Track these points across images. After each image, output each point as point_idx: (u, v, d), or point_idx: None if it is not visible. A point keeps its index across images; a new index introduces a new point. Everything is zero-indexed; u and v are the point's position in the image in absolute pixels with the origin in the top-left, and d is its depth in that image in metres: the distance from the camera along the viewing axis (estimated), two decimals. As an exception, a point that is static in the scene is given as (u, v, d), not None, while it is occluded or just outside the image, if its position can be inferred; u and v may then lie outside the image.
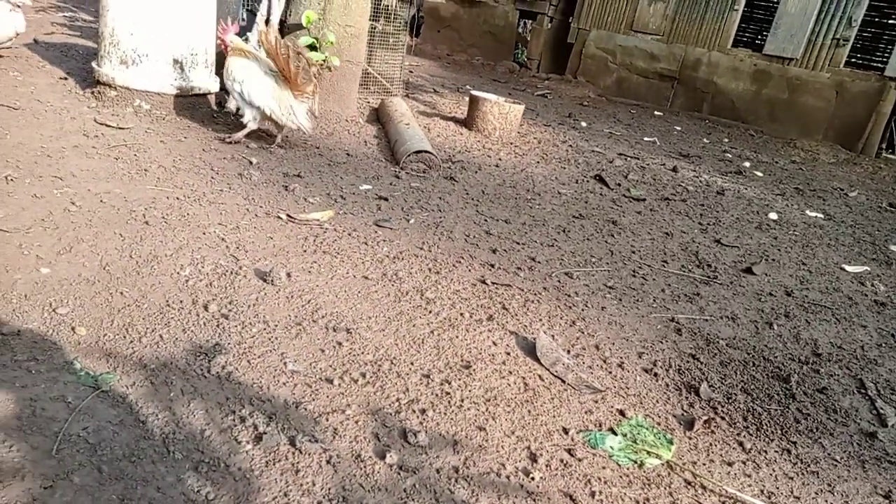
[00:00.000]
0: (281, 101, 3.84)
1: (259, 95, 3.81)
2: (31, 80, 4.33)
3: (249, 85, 3.81)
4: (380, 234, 3.13)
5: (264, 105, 3.83)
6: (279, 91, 3.84)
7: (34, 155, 3.13)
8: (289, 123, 3.95)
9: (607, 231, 3.84)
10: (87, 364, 1.79)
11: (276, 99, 3.84)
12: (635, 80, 10.64)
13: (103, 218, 2.65)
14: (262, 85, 3.82)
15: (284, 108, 3.85)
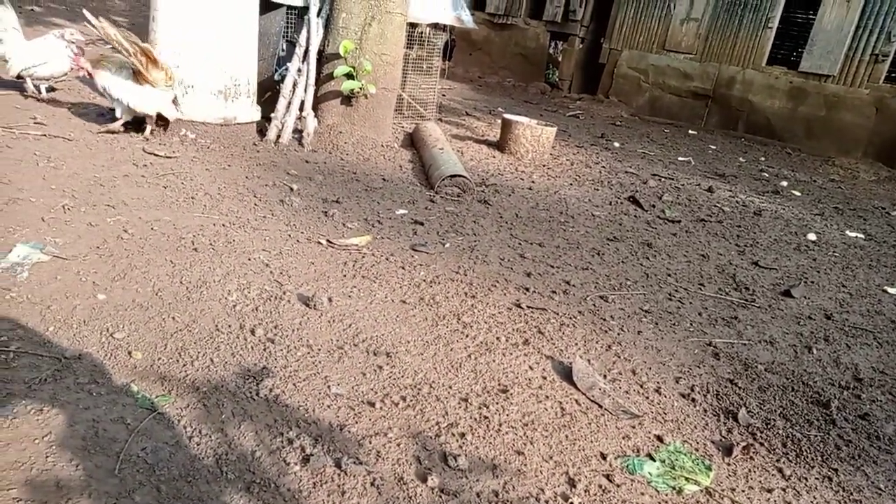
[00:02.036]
0: (143, 94, 4.04)
1: (118, 91, 4.03)
2: (84, 112, 4.55)
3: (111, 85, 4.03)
4: (416, 258, 3.20)
5: (123, 98, 4.04)
6: (138, 86, 4.03)
7: (88, 184, 3.30)
8: (150, 112, 4.14)
9: (642, 254, 3.85)
10: (144, 387, 1.89)
11: (134, 93, 4.03)
12: (668, 98, 10.61)
13: (154, 245, 2.77)
14: (120, 83, 4.02)
15: (146, 98, 4.06)
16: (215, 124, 4.35)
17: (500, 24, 12.08)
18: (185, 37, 4.11)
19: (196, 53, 4.15)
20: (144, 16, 9.85)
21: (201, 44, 4.14)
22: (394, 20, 4.93)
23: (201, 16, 4.08)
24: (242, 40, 4.30)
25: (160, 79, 4.02)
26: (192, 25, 4.09)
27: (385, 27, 4.89)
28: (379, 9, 4.81)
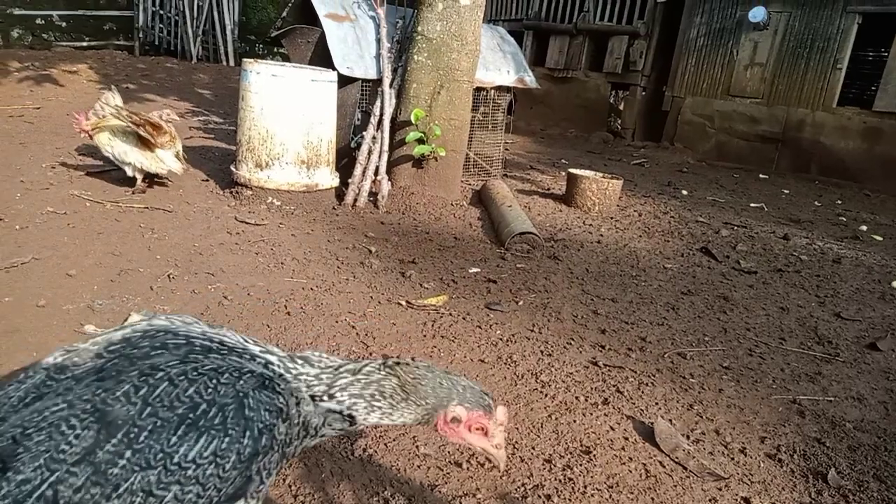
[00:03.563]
0: (145, 153, 4.40)
1: (126, 155, 4.37)
2: (179, 184, 4.96)
3: (118, 150, 4.37)
4: (491, 317, 3.31)
5: (133, 160, 4.39)
6: (143, 147, 4.40)
7: (189, 253, 3.60)
8: (159, 170, 4.51)
9: (719, 307, 3.82)
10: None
11: (140, 153, 4.39)
12: (736, 143, 10.49)
13: (251, 310, 3.00)
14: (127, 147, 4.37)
15: (151, 159, 4.42)
16: (298, 192, 4.65)
17: (560, 77, 12.34)
18: (271, 116, 4.46)
19: (281, 129, 4.48)
20: (227, 87, 10.64)
21: (286, 121, 4.48)
22: (461, 87, 5.19)
23: (291, 102, 4.43)
24: (324, 116, 4.63)
25: (166, 141, 4.46)
26: (282, 110, 4.44)
27: (453, 94, 5.15)
28: (447, 77, 5.08)
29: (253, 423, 1.11)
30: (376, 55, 5.23)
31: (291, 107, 4.48)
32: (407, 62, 5.18)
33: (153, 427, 1.02)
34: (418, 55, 5.07)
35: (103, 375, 1.07)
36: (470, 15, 5.02)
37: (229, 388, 1.11)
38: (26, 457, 0.97)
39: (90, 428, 0.99)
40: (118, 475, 0.98)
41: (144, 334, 1.18)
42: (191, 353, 1.14)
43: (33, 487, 0.95)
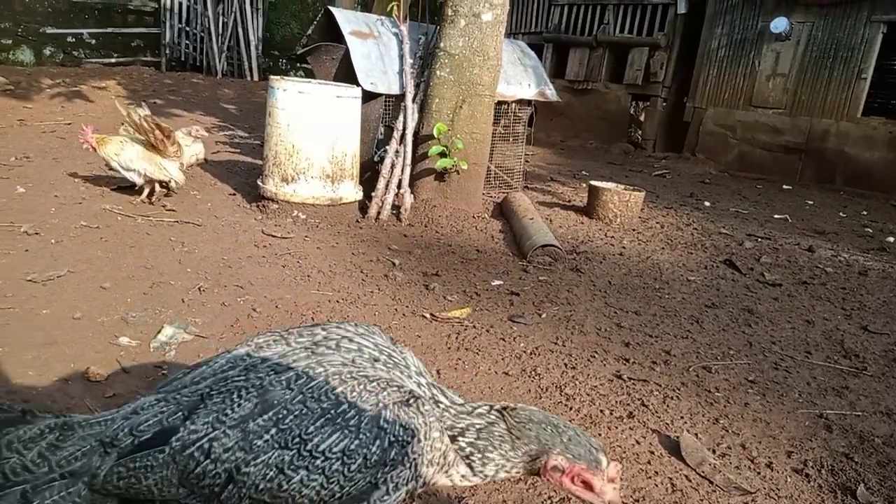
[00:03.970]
0: (151, 161, 4.52)
1: (132, 162, 4.48)
2: (207, 198, 5.06)
3: (124, 157, 4.47)
4: (515, 329, 3.33)
5: (138, 167, 4.50)
6: (149, 156, 4.51)
7: (218, 266, 3.68)
8: (163, 178, 4.61)
9: (743, 320, 3.80)
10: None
11: (146, 161, 4.50)
12: (758, 154, 10.41)
13: (279, 322, 3.05)
14: (133, 154, 4.49)
15: (156, 167, 4.53)
16: (323, 205, 4.72)
17: (580, 89, 12.36)
18: (296, 132, 4.55)
19: (307, 145, 4.57)
20: (251, 102, 10.82)
21: (311, 137, 4.56)
22: (483, 101, 5.25)
23: (316, 118, 4.52)
24: (348, 131, 4.71)
25: (173, 151, 4.59)
26: (307, 126, 4.54)
27: (475, 108, 5.21)
28: (469, 92, 5.14)
29: (386, 433, 1.18)
30: (399, 71, 5.32)
31: (317, 122, 4.56)
32: (429, 77, 5.25)
33: (299, 413, 1.15)
34: (441, 70, 5.14)
35: (280, 362, 1.22)
36: (492, 31, 5.08)
37: (372, 396, 1.20)
38: (203, 412, 1.16)
39: (250, 400, 1.14)
40: (260, 447, 1.12)
41: (327, 336, 1.31)
42: (357, 360, 1.26)
43: (197, 438, 1.13)
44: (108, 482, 1.14)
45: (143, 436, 1.17)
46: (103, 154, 4.54)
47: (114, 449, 1.17)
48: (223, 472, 1.11)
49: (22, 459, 1.14)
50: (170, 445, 1.14)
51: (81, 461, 1.16)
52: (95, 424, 1.22)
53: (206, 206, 4.85)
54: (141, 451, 1.15)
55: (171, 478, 1.12)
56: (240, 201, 5.07)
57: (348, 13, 5.58)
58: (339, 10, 5.55)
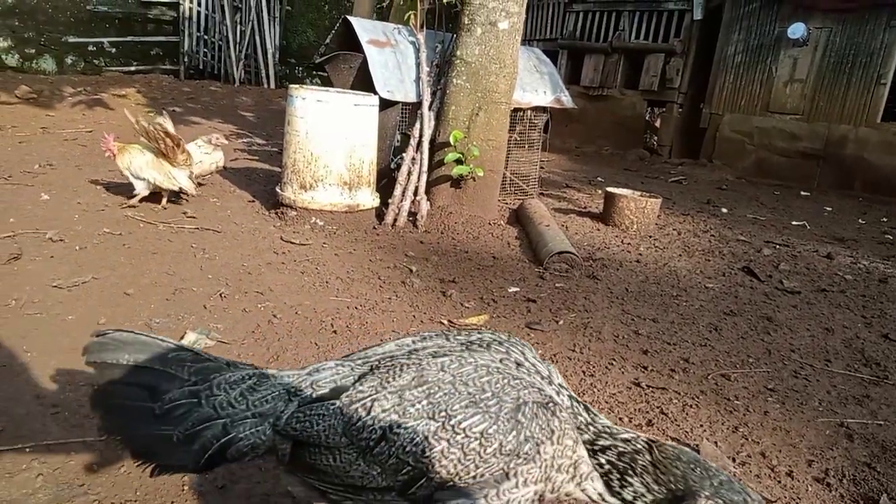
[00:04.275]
0: (161, 170, 4.60)
1: (141, 170, 4.58)
2: (227, 205, 5.13)
3: (134, 165, 4.57)
4: (532, 336, 3.34)
5: (147, 176, 4.59)
6: (158, 164, 4.59)
7: (238, 273, 3.72)
8: (171, 187, 4.68)
9: (762, 328, 3.78)
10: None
11: (155, 170, 4.59)
12: (776, 160, 10.34)
13: (299, 328, 3.09)
14: (143, 162, 4.58)
15: (165, 176, 4.62)
16: (341, 212, 4.77)
17: (595, 95, 12.36)
18: (315, 140, 4.60)
19: (325, 153, 4.62)
20: (268, 109, 10.93)
21: (329, 145, 4.61)
22: (499, 109, 5.27)
23: (334, 126, 4.58)
24: (366, 138, 4.75)
25: (182, 159, 4.67)
26: (326, 134, 4.59)
27: (491, 116, 5.23)
28: (485, 100, 5.17)
29: (522, 427, 1.28)
30: (416, 79, 5.36)
31: (335, 130, 4.61)
32: (446, 85, 5.28)
33: (448, 392, 1.31)
34: (457, 78, 5.17)
35: (438, 350, 1.41)
36: (508, 39, 5.11)
37: (513, 391, 1.32)
38: (370, 377, 1.36)
39: (409, 374, 1.34)
40: (411, 413, 1.29)
41: (481, 338, 1.46)
42: (504, 360, 1.39)
43: (363, 397, 1.32)
44: (289, 424, 1.34)
45: (321, 390, 1.38)
46: (119, 163, 4.62)
47: (296, 398, 1.38)
48: (378, 429, 1.29)
49: (227, 397, 1.37)
50: (340, 399, 1.34)
51: (270, 404, 1.38)
52: (284, 377, 1.44)
53: (226, 212, 4.91)
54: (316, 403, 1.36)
55: (337, 427, 1.31)
56: (259, 208, 5.13)
57: (366, 22, 5.64)
58: (357, 20, 5.61)
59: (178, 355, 1.41)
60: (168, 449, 1.33)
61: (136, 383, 1.36)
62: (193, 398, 1.36)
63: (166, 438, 1.32)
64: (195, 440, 1.33)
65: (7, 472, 1.92)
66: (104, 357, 1.38)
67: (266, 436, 1.35)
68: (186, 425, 1.33)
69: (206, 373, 1.40)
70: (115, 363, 1.37)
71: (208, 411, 1.35)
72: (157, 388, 1.36)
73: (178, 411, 1.34)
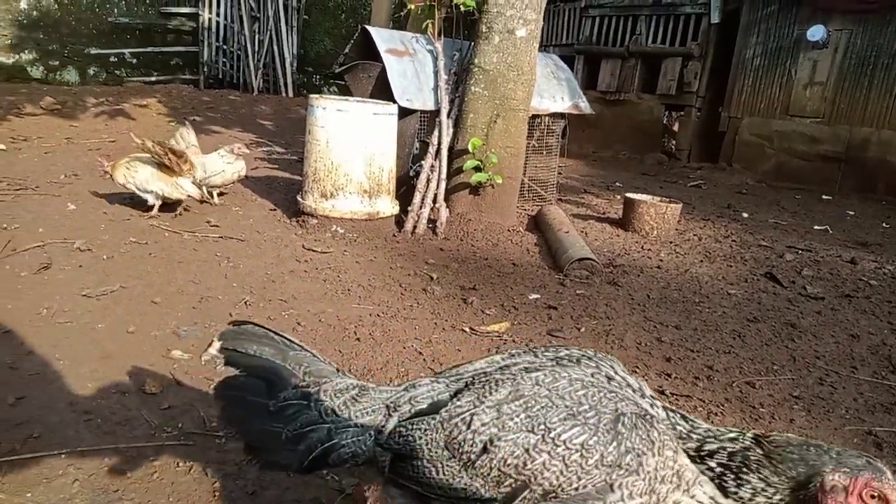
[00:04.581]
0: (166, 181, 4.67)
1: (147, 183, 4.65)
2: (249, 214, 5.19)
3: (139, 179, 4.64)
4: (554, 343, 3.34)
5: (154, 188, 4.66)
6: (163, 176, 4.66)
7: (262, 281, 3.77)
8: (180, 196, 4.75)
9: (786, 335, 3.75)
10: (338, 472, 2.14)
11: (161, 181, 4.65)
12: (796, 163, 10.24)
13: (323, 336, 3.12)
14: (148, 175, 4.64)
15: (171, 185, 4.68)
16: (361, 220, 4.81)
17: (612, 100, 12.33)
18: (335, 150, 4.65)
19: (345, 162, 4.67)
20: (287, 118, 11.04)
21: (350, 154, 4.66)
22: (517, 116, 5.29)
23: (354, 135, 4.63)
24: (385, 147, 4.80)
25: (186, 169, 4.73)
26: (346, 143, 4.65)
27: (509, 123, 5.25)
28: (503, 107, 5.19)
29: (622, 437, 1.29)
30: (434, 87, 5.39)
31: (355, 139, 4.66)
32: (464, 93, 5.31)
33: (546, 405, 1.33)
34: (475, 86, 5.20)
35: (529, 366, 1.44)
36: (526, 46, 5.13)
37: (610, 403, 1.34)
38: (466, 393, 1.40)
39: (505, 388, 1.37)
40: (510, 427, 1.31)
41: (570, 354, 1.48)
42: (595, 374, 1.41)
43: (462, 412, 1.36)
44: (392, 438, 1.40)
45: (419, 405, 1.43)
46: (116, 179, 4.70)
47: (396, 413, 1.43)
48: (479, 442, 1.32)
49: (333, 404, 1.44)
50: (439, 414, 1.38)
51: (371, 416, 1.44)
52: (383, 391, 1.50)
53: (248, 221, 4.97)
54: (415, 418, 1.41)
55: (438, 440, 1.35)
56: (280, 216, 5.19)
57: (384, 32, 5.69)
58: (376, 29, 5.66)
59: (298, 354, 1.51)
60: (277, 446, 1.40)
61: (258, 376, 1.46)
62: (304, 400, 1.44)
63: (277, 435, 1.40)
64: (301, 441, 1.40)
65: (45, 477, 1.96)
66: (236, 345, 1.49)
67: (367, 446, 1.41)
68: (295, 425, 1.41)
69: (317, 375, 1.48)
70: (245, 352, 1.47)
71: (315, 415, 1.42)
72: (275, 384, 1.45)
73: (289, 410, 1.42)
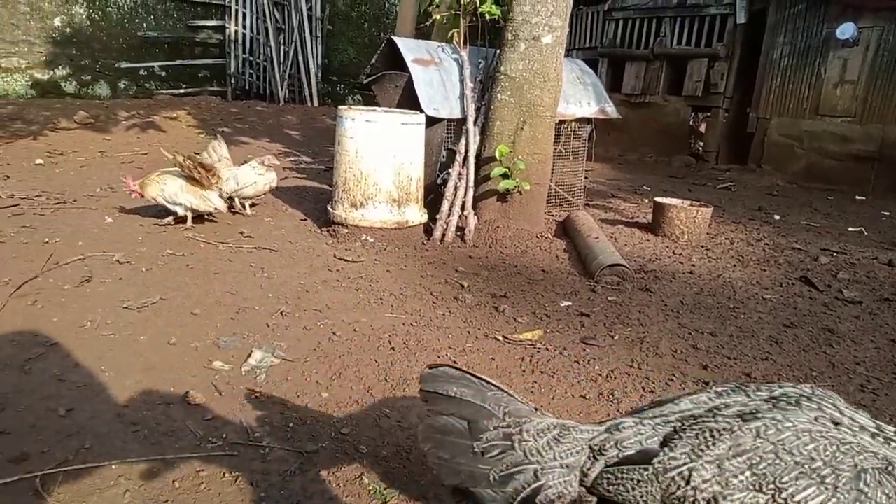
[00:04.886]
0: (195, 194, 4.80)
1: (176, 196, 4.78)
2: (280, 224, 5.27)
3: (168, 192, 4.77)
4: (588, 351, 3.33)
5: (183, 201, 4.78)
6: (191, 189, 4.78)
7: (296, 291, 3.82)
8: (207, 208, 4.89)
9: (824, 340, 3.69)
10: (373, 479, 2.17)
11: (190, 194, 4.78)
12: (827, 164, 10.06)
13: (359, 345, 3.16)
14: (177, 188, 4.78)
15: (199, 198, 4.82)
16: (390, 228, 4.85)
17: (637, 102, 12.25)
18: (365, 160, 4.70)
19: (374, 172, 4.72)
20: (313, 127, 11.17)
21: (379, 164, 4.71)
22: (544, 122, 5.29)
23: (383, 145, 4.68)
24: (413, 156, 4.84)
25: (214, 182, 4.85)
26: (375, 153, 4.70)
27: (536, 129, 5.26)
28: (530, 113, 5.20)
29: (867, 497, 1.18)
30: (460, 95, 5.42)
31: (384, 149, 4.71)
32: (490, 101, 5.33)
33: (772, 462, 1.23)
34: (501, 94, 5.22)
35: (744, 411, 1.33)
36: (551, 52, 5.14)
37: (847, 458, 1.21)
38: (679, 443, 1.31)
39: (724, 442, 1.27)
40: (735, 485, 1.22)
41: (785, 393, 1.37)
42: (819, 419, 1.29)
43: (678, 465, 1.28)
44: (600, 483, 1.35)
45: (627, 452, 1.36)
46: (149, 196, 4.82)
47: (601, 456, 1.38)
48: (702, 500, 1.24)
49: (536, 444, 1.39)
50: (652, 465, 1.30)
51: (575, 457, 1.39)
52: (584, 431, 1.44)
53: (280, 231, 5.05)
54: (624, 465, 1.34)
55: (654, 494, 1.29)
56: (311, 226, 5.25)
57: (410, 42, 5.74)
58: (402, 40, 5.72)
59: (495, 394, 1.47)
60: (483, 487, 1.37)
61: (461, 416, 1.43)
62: (507, 440, 1.40)
63: (483, 477, 1.37)
64: (508, 483, 1.36)
65: (97, 487, 2.02)
66: (437, 387, 1.46)
67: (572, 487, 1.38)
68: (501, 467, 1.37)
69: (517, 415, 1.44)
70: (445, 394, 1.44)
71: (520, 456, 1.38)
72: (477, 425, 1.42)
73: (493, 451, 1.39)
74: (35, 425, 2.32)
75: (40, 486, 2.00)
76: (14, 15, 12.31)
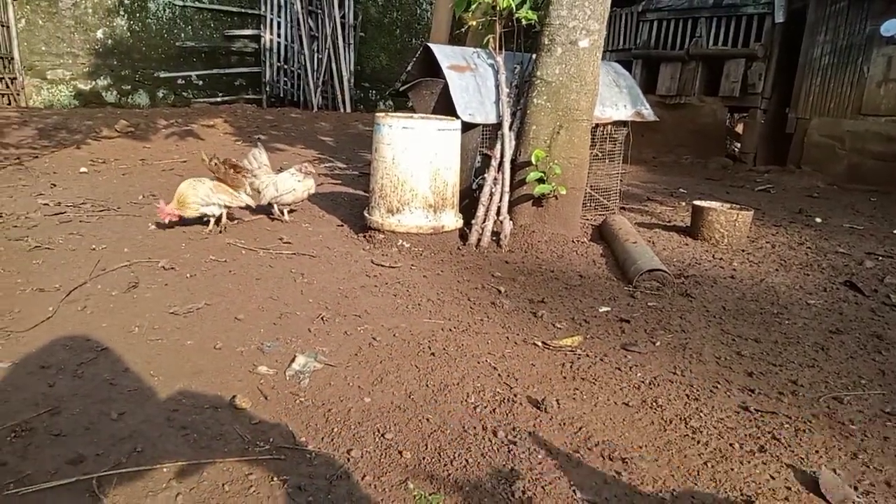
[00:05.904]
0: (226, 192, 4.98)
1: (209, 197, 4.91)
2: (318, 230, 5.34)
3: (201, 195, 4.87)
4: (629, 358, 3.30)
5: (217, 201, 4.94)
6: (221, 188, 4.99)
7: (336, 296, 3.87)
8: (238, 205, 5.15)
9: (872, 347, 3.59)
10: (417, 484, 2.18)
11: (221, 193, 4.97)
12: (870, 164, 9.78)
13: (399, 351, 3.18)
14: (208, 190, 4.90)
15: (230, 195, 5.03)
16: (426, 234, 4.87)
17: (672, 104, 12.09)
18: (400, 166, 4.74)
19: (410, 178, 4.75)
20: (346, 133, 11.28)
21: (415, 171, 4.74)
22: (580, 126, 5.26)
23: (420, 151, 4.71)
24: (449, 162, 4.86)
25: (242, 178, 5.05)
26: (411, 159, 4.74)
27: (572, 134, 5.23)
28: (566, 118, 5.17)
29: None
30: (495, 100, 5.43)
31: (420, 155, 4.73)
32: (526, 105, 5.33)
33: None
34: (537, 98, 5.21)
35: None
36: (588, 57, 5.11)
37: None
38: None
39: None
40: None
41: None
42: None
43: None
44: None
45: None
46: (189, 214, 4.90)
47: None
48: None
49: None
50: None
51: None
52: None
53: (318, 237, 5.11)
54: None
55: None
56: (347, 232, 5.31)
57: (446, 48, 5.77)
58: (438, 46, 5.74)
59: None
60: None
61: None
62: None
63: None
64: None
65: (150, 490, 2.07)
66: None
67: None
68: None
69: None
70: None
71: None
72: None
73: None
74: (89, 428, 2.39)
75: (96, 488, 2.06)
76: (59, 28, 12.74)
